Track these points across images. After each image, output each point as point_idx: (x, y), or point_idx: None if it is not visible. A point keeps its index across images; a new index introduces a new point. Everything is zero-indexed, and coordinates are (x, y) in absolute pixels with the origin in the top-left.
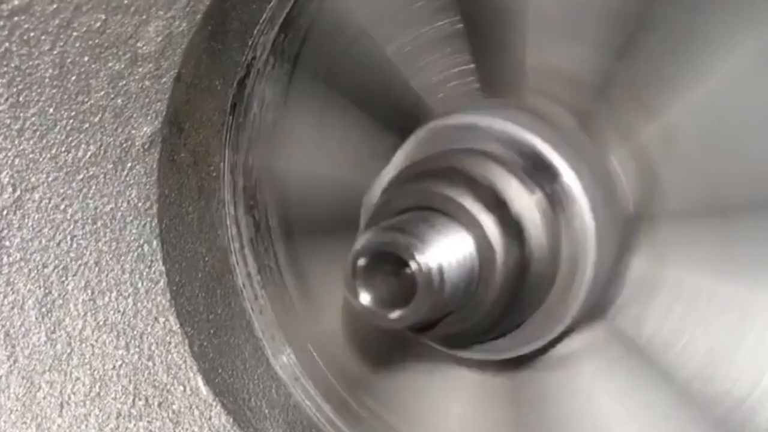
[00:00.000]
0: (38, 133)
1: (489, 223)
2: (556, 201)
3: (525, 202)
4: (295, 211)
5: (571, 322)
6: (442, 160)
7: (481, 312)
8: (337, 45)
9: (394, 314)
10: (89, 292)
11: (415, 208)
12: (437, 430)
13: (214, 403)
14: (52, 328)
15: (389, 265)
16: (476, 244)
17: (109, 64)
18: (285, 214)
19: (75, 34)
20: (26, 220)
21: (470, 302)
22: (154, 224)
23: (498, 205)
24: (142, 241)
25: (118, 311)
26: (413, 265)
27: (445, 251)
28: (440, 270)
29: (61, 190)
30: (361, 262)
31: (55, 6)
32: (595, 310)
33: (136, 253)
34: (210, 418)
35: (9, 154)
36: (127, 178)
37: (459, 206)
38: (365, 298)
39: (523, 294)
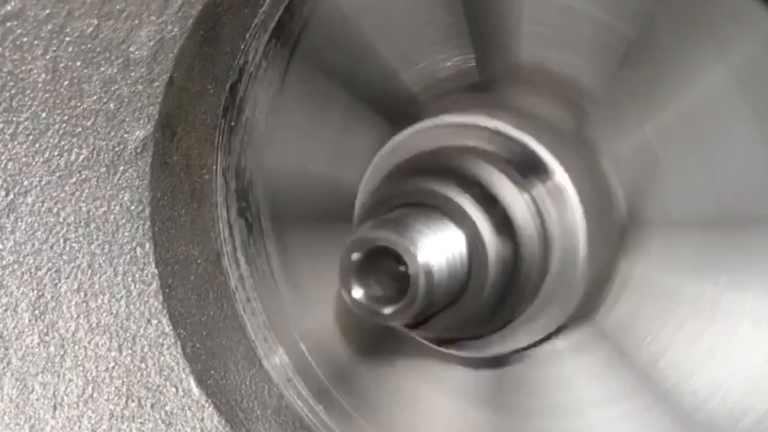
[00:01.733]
0: (31, 137)
1: (481, 220)
2: (548, 200)
3: (517, 200)
4: (288, 213)
5: (562, 321)
6: (436, 158)
7: (472, 308)
8: (329, 48)
9: (386, 310)
10: (82, 294)
11: (409, 205)
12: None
13: (207, 404)
14: (46, 330)
15: (382, 261)
16: (468, 241)
17: (102, 69)
18: (277, 216)
19: (68, 39)
20: (19, 224)
21: (462, 298)
22: (146, 227)
23: (490, 203)
24: (134, 244)
25: (111, 313)
26: (406, 261)
27: (438, 248)
28: (432, 266)
29: (54, 194)
30: (355, 257)
31: (47, 11)
32: (583, 311)
33: (128, 256)
34: (202, 419)
35: (2, 158)
36: (120, 182)
37: (452, 203)
38: (358, 293)
39: (515, 291)
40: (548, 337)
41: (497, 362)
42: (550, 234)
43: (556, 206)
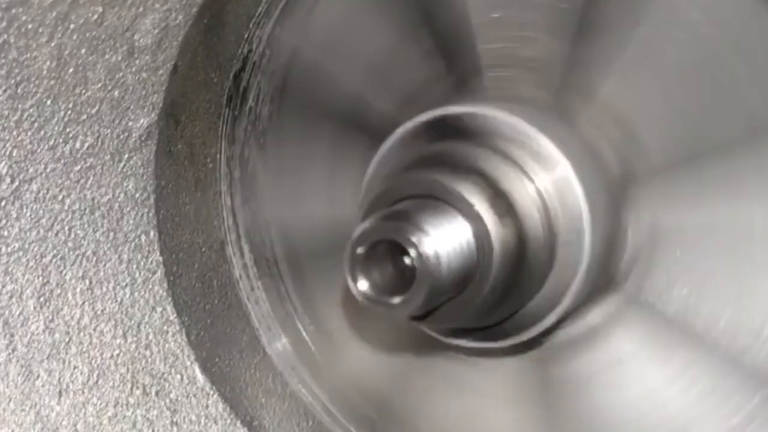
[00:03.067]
0: (36, 124)
1: (485, 210)
2: (550, 187)
3: (521, 190)
4: (291, 203)
5: (572, 303)
6: (439, 150)
7: (478, 298)
8: (311, 94)
9: (393, 301)
10: (87, 281)
11: (414, 197)
12: (433, 418)
13: (212, 392)
14: (51, 317)
15: (388, 253)
16: (474, 231)
17: (107, 56)
18: (281, 205)
19: (72, 26)
20: (24, 211)
21: (468, 289)
22: (151, 215)
23: (495, 193)
24: (139, 232)
25: (116, 301)
26: (412, 253)
27: (444, 238)
28: (439, 257)
29: (59, 181)
30: (360, 249)
31: None
32: (603, 283)
33: (133, 244)
34: (207, 407)
35: (7, 145)
36: (125, 170)
37: (456, 194)
38: (364, 285)
39: (521, 280)
40: (574, 318)
41: (527, 352)
42: (554, 220)
43: (559, 193)
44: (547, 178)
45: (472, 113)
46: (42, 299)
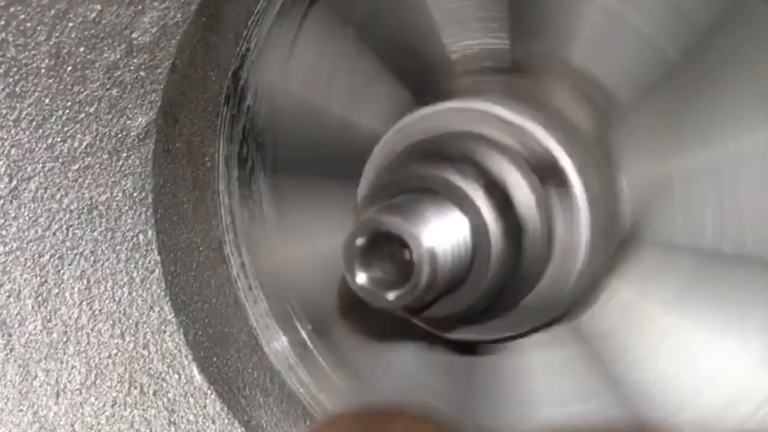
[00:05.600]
0: (34, 123)
1: (486, 207)
2: (557, 203)
3: (526, 198)
4: (291, 200)
5: (547, 319)
6: (443, 143)
7: (475, 294)
8: (334, 34)
9: (390, 294)
10: (85, 281)
11: (414, 190)
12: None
13: (209, 392)
14: (48, 316)
15: (387, 246)
16: (472, 227)
17: (105, 55)
18: (281, 203)
19: (71, 24)
20: (22, 210)
21: (463, 286)
22: (149, 214)
23: (496, 191)
24: (137, 231)
25: (114, 300)
26: (411, 246)
27: (442, 233)
28: (437, 252)
29: (57, 180)
30: (359, 242)
31: None
32: (567, 313)
33: (131, 243)
34: (205, 407)
35: (5, 144)
36: (123, 168)
37: (457, 190)
38: (362, 277)
39: (514, 285)
40: (528, 332)
41: (477, 347)
42: (554, 236)
43: (564, 211)
44: (557, 195)
45: (467, 107)
46: (40, 299)
